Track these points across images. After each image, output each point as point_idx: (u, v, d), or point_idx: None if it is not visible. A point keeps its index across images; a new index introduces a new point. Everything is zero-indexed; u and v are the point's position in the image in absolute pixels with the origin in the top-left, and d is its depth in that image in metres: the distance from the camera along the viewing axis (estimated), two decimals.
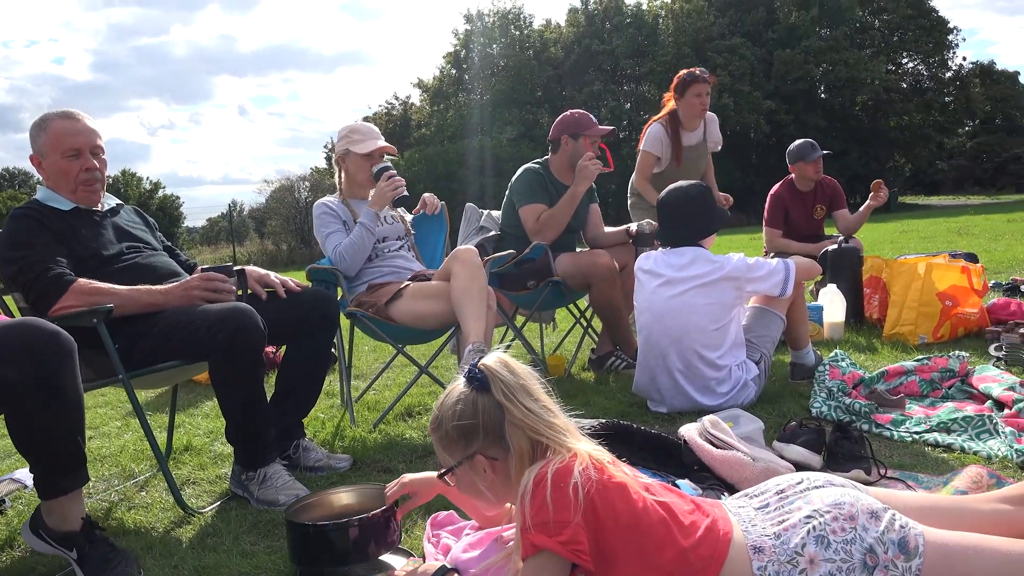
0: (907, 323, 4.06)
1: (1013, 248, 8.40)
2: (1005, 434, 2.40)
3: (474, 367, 1.56)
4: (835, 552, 1.39)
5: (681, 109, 4.62)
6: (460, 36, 34.52)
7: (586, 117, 3.93)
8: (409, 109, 36.81)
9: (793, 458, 2.30)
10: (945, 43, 33.68)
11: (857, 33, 32.76)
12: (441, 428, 1.57)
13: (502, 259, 3.64)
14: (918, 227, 14.49)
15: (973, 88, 33.38)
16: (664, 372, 3.06)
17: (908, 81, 33.77)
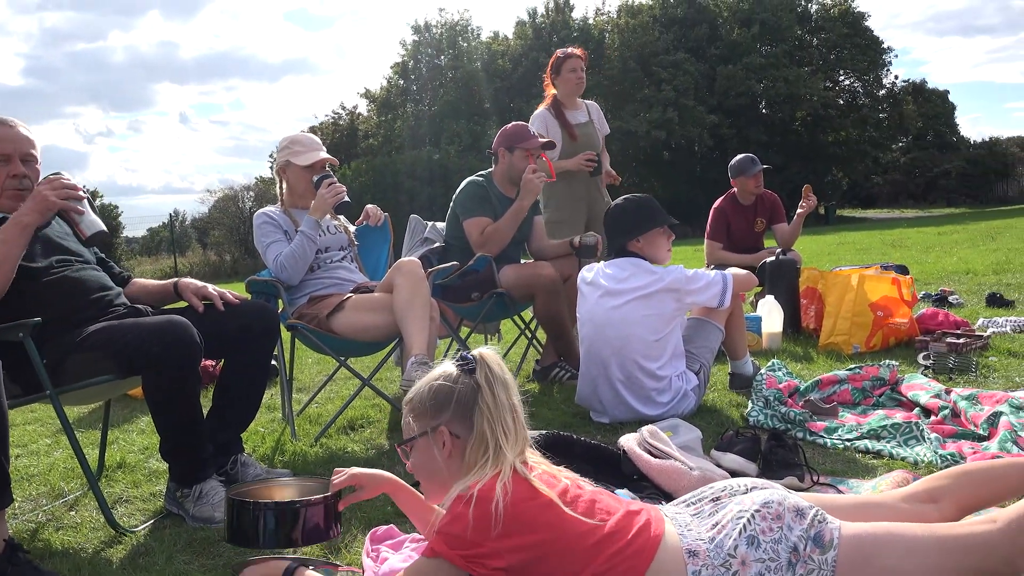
0: (841, 333, 4.18)
1: (942, 260, 8.72)
2: (930, 440, 2.49)
3: (464, 354, 1.63)
4: (764, 552, 1.44)
5: (560, 88, 4.67)
6: (408, 47, 34.43)
7: (523, 129, 3.96)
8: (356, 119, 36.53)
9: (729, 466, 2.35)
10: (879, 62, 34.85)
11: (796, 51, 33.71)
12: (418, 395, 1.62)
13: (446, 271, 3.64)
14: (855, 239, 14.94)
15: (906, 105, 34.61)
16: (606, 383, 3.09)
17: (845, 98, 34.83)
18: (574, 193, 4.66)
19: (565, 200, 4.66)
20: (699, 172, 30.34)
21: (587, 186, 4.70)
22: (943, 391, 2.96)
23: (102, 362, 2.31)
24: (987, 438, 2.55)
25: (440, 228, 4.19)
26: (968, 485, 1.77)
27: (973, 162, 32.41)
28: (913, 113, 34.33)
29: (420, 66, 34.23)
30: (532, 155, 3.88)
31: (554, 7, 33.89)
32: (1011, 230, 12.77)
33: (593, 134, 4.76)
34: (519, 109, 29.33)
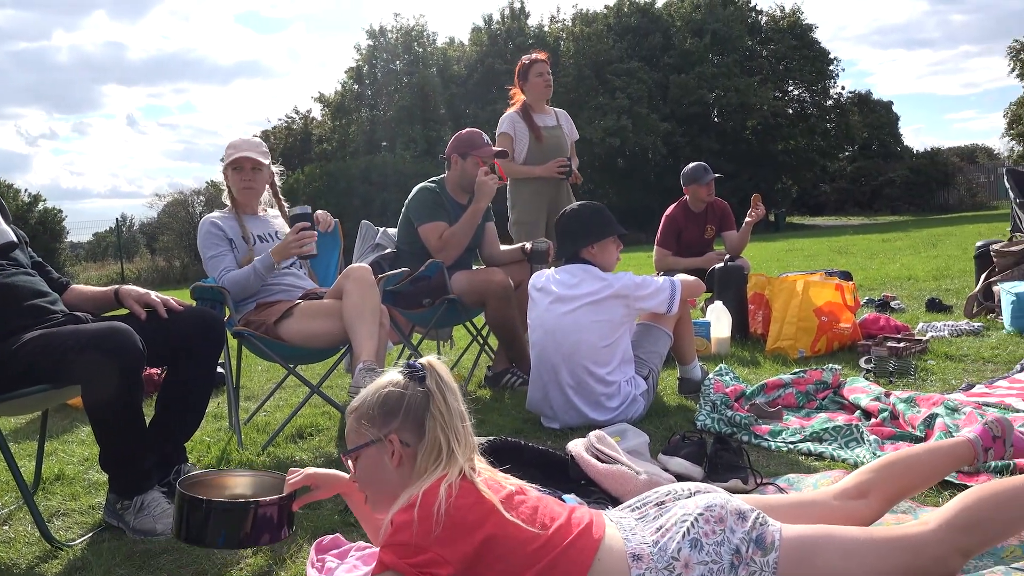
0: (787, 338, 4.26)
1: (886, 266, 8.95)
2: (870, 442, 2.56)
3: (412, 362, 1.61)
4: (707, 554, 1.46)
5: (529, 93, 4.72)
6: (363, 51, 34.20)
7: (477, 136, 3.96)
8: (310, 123, 36.13)
9: (676, 470, 2.38)
10: (827, 73, 35.70)
11: (747, 61, 34.36)
12: (366, 402, 1.59)
13: (397, 277, 3.62)
14: (803, 246, 15.26)
15: (852, 116, 35.46)
16: (556, 388, 3.11)
17: (794, 108, 35.57)
18: (540, 195, 4.69)
19: (531, 202, 4.69)
20: (653, 179, 30.67)
21: (554, 189, 4.73)
22: (883, 394, 3.04)
23: (39, 371, 2.24)
24: (924, 439, 2.62)
25: (391, 234, 4.17)
26: (892, 476, 1.84)
27: (916, 171, 33.32)
28: (859, 123, 35.21)
29: (375, 71, 34.03)
30: (484, 163, 3.89)
31: (510, 14, 34.01)
32: (951, 237, 13.17)
33: (561, 137, 4.80)
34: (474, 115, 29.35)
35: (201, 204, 27.30)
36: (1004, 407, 2.91)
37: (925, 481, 1.94)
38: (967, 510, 1.54)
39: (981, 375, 3.53)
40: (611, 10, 34.61)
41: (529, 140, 4.65)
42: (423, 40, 34.18)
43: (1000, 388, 3.25)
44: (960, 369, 3.70)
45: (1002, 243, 5.12)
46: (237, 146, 3.29)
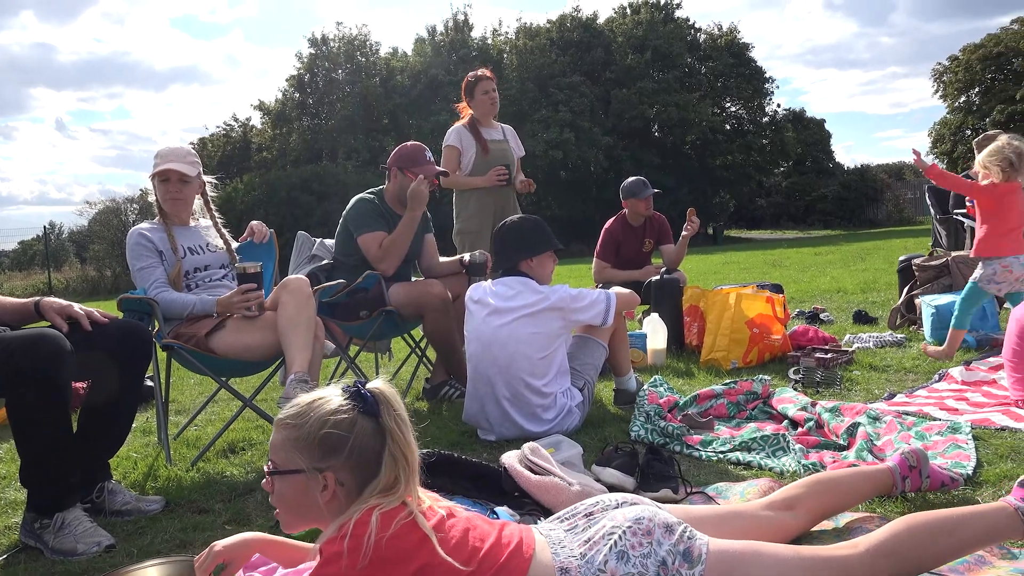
0: (720, 349, 4.36)
1: (817, 279, 9.22)
2: (795, 451, 2.64)
3: (363, 388, 1.51)
4: (633, 566, 1.48)
5: (475, 110, 4.78)
6: (304, 60, 33.80)
7: (419, 152, 3.94)
8: (249, 132, 35.53)
9: (608, 481, 2.41)
10: (763, 91, 36.73)
11: (686, 77, 35.11)
12: (304, 428, 1.48)
13: (333, 288, 3.59)
14: (739, 259, 15.61)
15: (787, 132, 36.50)
16: (492, 400, 3.11)
17: (731, 124, 36.44)
18: (485, 205, 4.71)
19: (476, 211, 4.71)
20: (595, 192, 31.03)
21: (500, 199, 4.75)
22: (809, 404, 3.13)
23: None
24: (847, 447, 2.71)
25: (328, 245, 4.12)
26: (821, 493, 1.92)
27: (847, 187, 34.47)
28: (793, 140, 36.25)
29: (317, 80, 33.67)
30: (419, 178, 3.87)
31: (453, 25, 34.09)
32: (879, 251, 13.65)
33: (508, 151, 4.85)
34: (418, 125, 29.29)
35: (135, 212, 26.53)
36: (922, 415, 3.03)
37: (848, 502, 2.03)
38: (896, 538, 1.59)
39: (902, 385, 3.67)
40: (554, 24, 34.99)
41: (476, 152, 4.69)
42: (366, 50, 33.99)
43: (919, 397, 3.38)
44: (883, 379, 3.83)
45: (923, 257, 5.34)
46: (164, 156, 3.20)
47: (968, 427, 2.79)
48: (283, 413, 1.54)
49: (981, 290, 4.04)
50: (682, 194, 32.20)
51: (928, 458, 2.13)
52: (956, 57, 41.37)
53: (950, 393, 3.43)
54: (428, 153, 3.98)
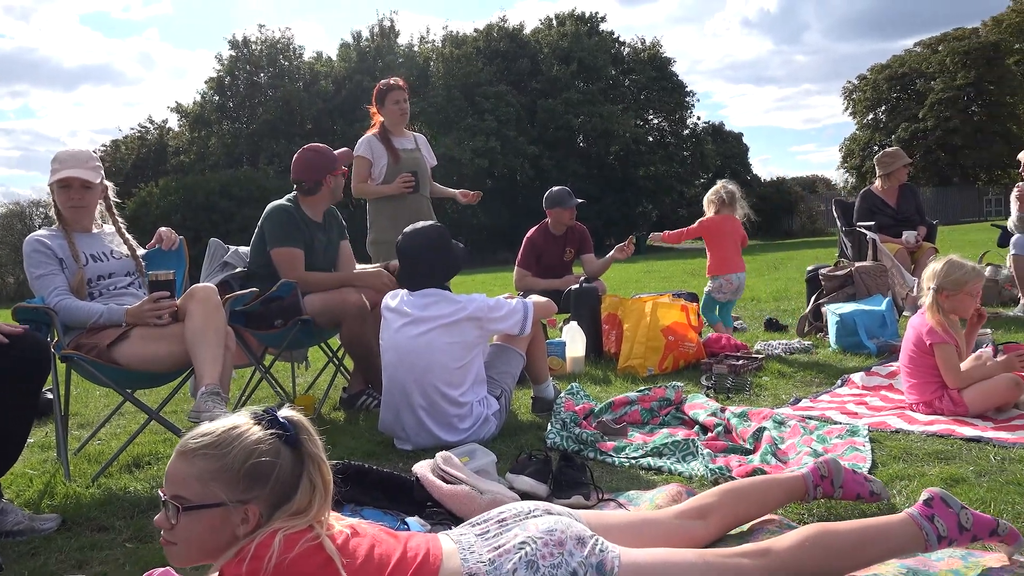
0: (637, 356, 4.44)
1: None
2: (703, 455, 2.71)
3: (278, 417, 1.46)
4: (542, 575, 1.48)
5: (385, 117, 4.80)
6: (224, 62, 33.01)
7: (328, 151, 3.98)
8: (166, 134, 34.44)
9: (522, 488, 2.42)
10: (684, 104, 37.74)
11: (610, 89, 35.78)
12: (227, 459, 1.41)
13: (246, 297, 3.51)
14: (660, 268, 15.95)
15: (706, 145, 37.55)
16: (408, 410, 3.09)
17: (654, 135, 37.31)
18: (399, 214, 4.68)
19: (391, 222, 4.67)
20: (521, 201, 31.25)
21: (413, 207, 4.73)
22: (719, 409, 3.22)
23: None
24: (753, 451, 2.80)
25: (243, 252, 4.03)
26: (732, 502, 1.95)
27: (763, 199, 35.60)
28: (713, 152, 37.29)
29: (238, 83, 32.91)
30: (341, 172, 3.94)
31: (379, 32, 33.87)
32: (792, 261, 14.15)
33: (420, 159, 4.84)
34: (343, 131, 28.95)
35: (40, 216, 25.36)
36: (824, 419, 3.16)
37: (760, 511, 2.07)
38: (801, 550, 1.64)
39: (808, 390, 3.81)
40: (481, 34, 35.16)
41: (387, 162, 4.68)
42: (289, 53, 33.43)
43: (822, 402, 3.52)
44: (790, 385, 3.97)
45: (829, 268, 5.57)
46: (64, 161, 3.06)
47: (865, 430, 2.92)
48: (194, 443, 1.44)
49: (713, 298, 5.35)
50: (606, 204, 32.76)
51: (841, 469, 2.14)
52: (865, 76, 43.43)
53: (851, 397, 3.58)
54: (330, 149, 4.03)
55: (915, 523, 1.72)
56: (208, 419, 2.56)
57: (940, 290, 3.17)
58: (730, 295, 5.34)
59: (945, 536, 1.71)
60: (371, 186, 4.71)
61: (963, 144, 37.25)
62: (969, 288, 3.16)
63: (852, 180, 41.68)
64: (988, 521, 1.75)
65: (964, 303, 3.19)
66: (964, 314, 3.24)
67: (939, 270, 3.19)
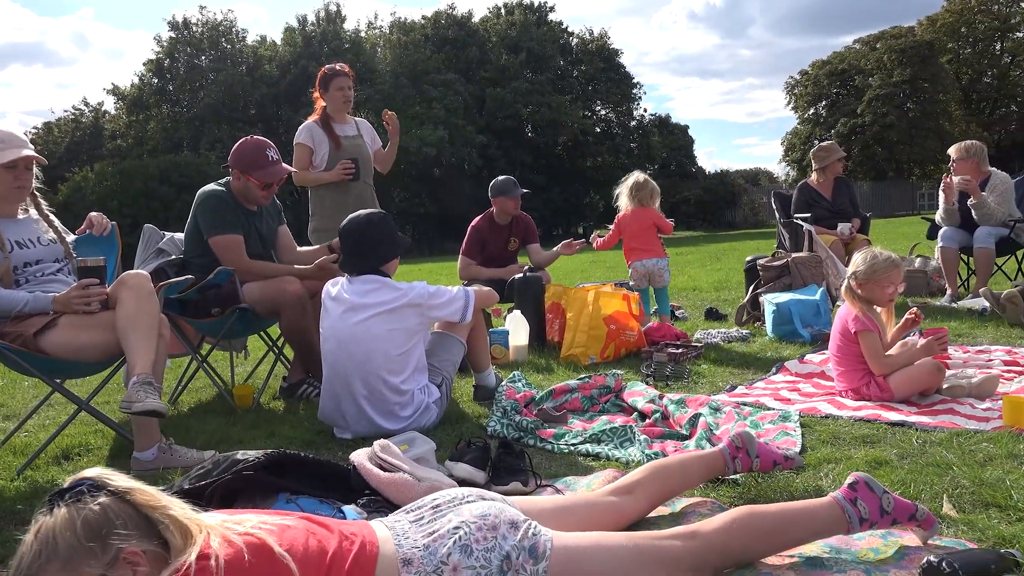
0: (579, 345, 4.48)
1: (676, 278, 9.63)
2: (640, 441, 2.75)
3: (70, 485, 1.36)
4: (476, 559, 1.50)
5: (328, 103, 4.74)
6: (164, 43, 32.08)
7: (259, 154, 3.75)
8: (101, 117, 33.37)
9: (460, 475, 2.43)
10: (631, 96, 38.09)
11: (559, 80, 35.90)
12: (60, 552, 1.28)
13: (181, 284, 3.43)
14: (606, 258, 16.08)
15: (653, 137, 38.05)
16: (349, 398, 3.07)
17: (601, 127, 37.60)
18: (342, 202, 4.64)
19: (333, 209, 4.63)
20: (468, 190, 31.20)
21: (356, 194, 4.68)
22: (657, 396, 3.27)
23: None
24: (688, 437, 2.86)
25: (178, 239, 3.94)
26: (656, 477, 2.03)
27: (708, 191, 36.25)
28: (659, 144, 37.81)
29: (178, 65, 32.05)
30: (263, 184, 3.75)
31: (325, 16, 33.31)
32: (733, 252, 14.43)
33: (362, 146, 4.79)
34: (287, 118, 28.46)
35: None
36: (758, 406, 3.24)
37: (683, 484, 2.16)
38: (731, 534, 1.69)
39: (744, 377, 3.90)
40: (429, 21, 34.90)
41: (328, 148, 4.62)
42: (232, 36, 32.68)
43: (757, 389, 3.60)
44: (727, 372, 4.06)
45: (767, 258, 5.69)
46: (6, 141, 2.95)
47: (796, 415, 3.00)
48: (26, 565, 1.30)
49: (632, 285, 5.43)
50: (554, 194, 32.92)
51: (754, 439, 2.28)
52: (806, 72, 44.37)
53: (784, 384, 3.68)
54: (271, 152, 3.78)
55: (839, 506, 1.78)
56: (140, 408, 2.52)
57: (853, 277, 3.29)
58: (642, 281, 5.38)
59: (867, 519, 1.78)
60: (311, 173, 4.65)
61: (898, 140, 38.42)
62: (880, 277, 3.27)
63: (793, 173, 42.66)
64: (908, 506, 1.83)
65: (877, 292, 3.30)
66: (880, 303, 3.36)
67: (856, 259, 3.32)
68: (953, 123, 39.90)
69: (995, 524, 1.93)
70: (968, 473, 2.28)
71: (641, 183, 5.43)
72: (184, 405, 3.99)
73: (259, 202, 3.84)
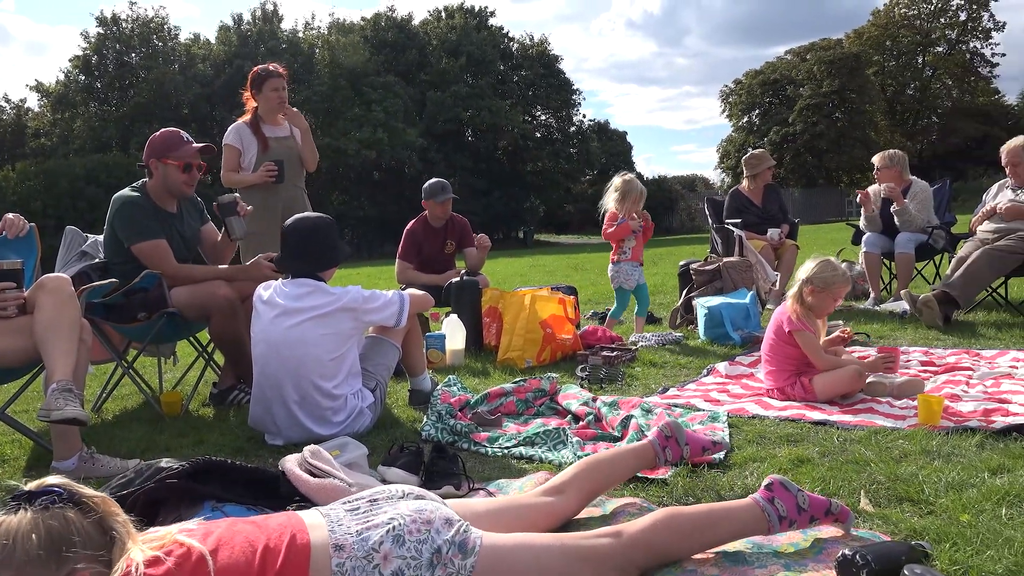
0: (516, 349, 4.50)
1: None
2: (573, 443, 2.78)
3: (38, 488, 1.34)
4: (407, 550, 1.52)
5: (260, 104, 4.68)
6: (91, 39, 31.04)
7: (173, 137, 3.69)
8: (24, 114, 32.09)
9: (393, 480, 2.42)
10: (571, 102, 38.44)
11: (499, 84, 36.00)
12: (14, 556, 1.26)
13: (105, 288, 3.33)
14: (546, 262, 16.22)
15: (592, 142, 38.44)
16: (280, 404, 3.03)
17: (541, 132, 37.83)
18: (271, 204, 4.57)
19: (261, 212, 4.54)
20: (409, 194, 31.02)
21: (285, 196, 4.61)
22: (591, 399, 3.31)
23: None
24: (621, 438, 2.90)
25: (102, 243, 3.81)
26: (586, 476, 2.06)
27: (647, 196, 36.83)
28: (598, 150, 38.22)
29: (106, 62, 31.04)
30: (183, 165, 3.65)
31: (261, 15, 32.74)
32: (670, 256, 14.68)
33: (294, 148, 4.71)
34: (222, 118, 27.83)
35: None
36: (688, 407, 3.31)
37: (613, 479, 2.20)
38: (656, 533, 1.74)
39: (676, 379, 3.98)
40: (368, 22, 34.62)
41: (257, 150, 4.56)
42: (163, 34, 31.81)
43: (688, 390, 3.68)
44: (660, 375, 4.13)
45: (700, 263, 5.82)
46: None
47: (725, 416, 3.08)
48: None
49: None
50: (494, 198, 32.99)
51: (682, 428, 2.35)
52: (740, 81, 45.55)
53: (715, 386, 3.76)
54: (184, 135, 3.73)
55: (758, 506, 1.85)
56: (59, 417, 2.44)
57: (808, 283, 3.38)
58: (620, 281, 5.47)
59: (785, 516, 1.84)
60: (237, 175, 4.58)
61: (828, 148, 39.73)
62: (834, 290, 3.38)
63: (729, 180, 43.73)
64: (822, 502, 1.91)
65: (825, 302, 3.41)
66: (822, 312, 3.46)
67: (813, 266, 3.40)
68: (879, 133, 41.49)
69: (908, 517, 2.02)
70: (884, 469, 2.37)
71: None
72: (108, 413, 3.87)
73: (182, 192, 3.71)
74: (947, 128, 41.46)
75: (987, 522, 1.95)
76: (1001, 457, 2.44)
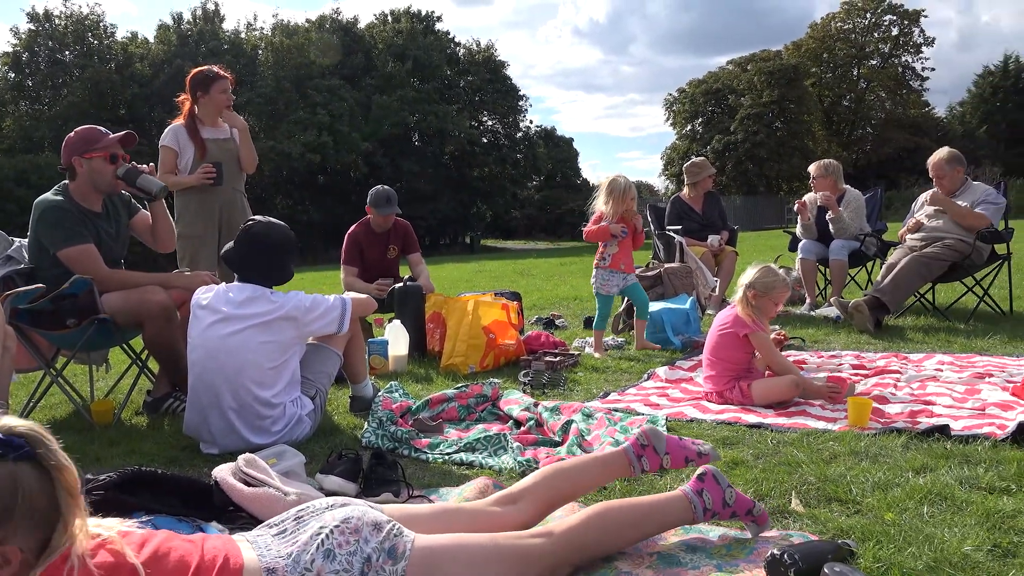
0: (459, 354, 4.49)
1: (559, 288, 9.84)
2: (513, 449, 2.79)
3: (9, 436, 1.24)
4: (339, 563, 1.51)
5: (206, 105, 4.56)
6: (22, 36, 30.00)
7: (91, 132, 3.59)
8: None
9: (331, 488, 2.39)
10: (517, 108, 38.66)
11: (446, 89, 35.97)
12: None
13: (31, 293, 3.21)
14: (492, 268, 16.24)
15: (539, 149, 38.76)
16: (217, 412, 2.96)
17: (488, 137, 37.94)
18: (208, 207, 4.49)
19: (198, 214, 4.47)
20: (354, 198, 30.73)
21: (224, 200, 4.53)
22: (532, 404, 3.33)
23: None
24: (561, 443, 2.92)
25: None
26: (548, 485, 1.99)
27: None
28: (545, 156, 38.55)
29: (38, 60, 30.05)
30: (108, 155, 3.54)
31: (202, 15, 32.09)
32: None
33: (233, 149, 4.62)
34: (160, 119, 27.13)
35: None
36: (628, 411, 3.34)
37: (580, 490, 2.08)
38: (587, 529, 1.76)
39: (617, 384, 4.02)
40: (313, 25, 34.21)
41: (194, 153, 4.47)
42: (99, 31, 30.93)
43: (629, 395, 3.72)
44: (602, 379, 4.17)
45: (641, 268, 5.90)
46: None
47: (663, 420, 3.13)
48: None
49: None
50: (441, 203, 32.92)
51: (662, 436, 2.14)
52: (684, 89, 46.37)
53: (655, 390, 3.81)
54: (102, 128, 3.63)
55: (686, 497, 1.90)
56: None
57: (751, 287, 3.48)
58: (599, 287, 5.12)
59: (710, 509, 1.91)
60: (174, 177, 4.47)
61: (768, 157, 40.71)
62: (774, 295, 3.50)
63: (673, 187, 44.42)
64: (747, 501, 1.98)
65: (767, 306, 3.51)
66: (765, 316, 3.56)
67: (754, 272, 3.51)
68: (816, 142, 42.69)
69: (836, 517, 2.08)
70: (815, 470, 2.44)
71: None
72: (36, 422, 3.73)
73: (112, 186, 3.59)
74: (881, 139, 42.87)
75: (910, 520, 2.02)
76: (925, 457, 2.54)
